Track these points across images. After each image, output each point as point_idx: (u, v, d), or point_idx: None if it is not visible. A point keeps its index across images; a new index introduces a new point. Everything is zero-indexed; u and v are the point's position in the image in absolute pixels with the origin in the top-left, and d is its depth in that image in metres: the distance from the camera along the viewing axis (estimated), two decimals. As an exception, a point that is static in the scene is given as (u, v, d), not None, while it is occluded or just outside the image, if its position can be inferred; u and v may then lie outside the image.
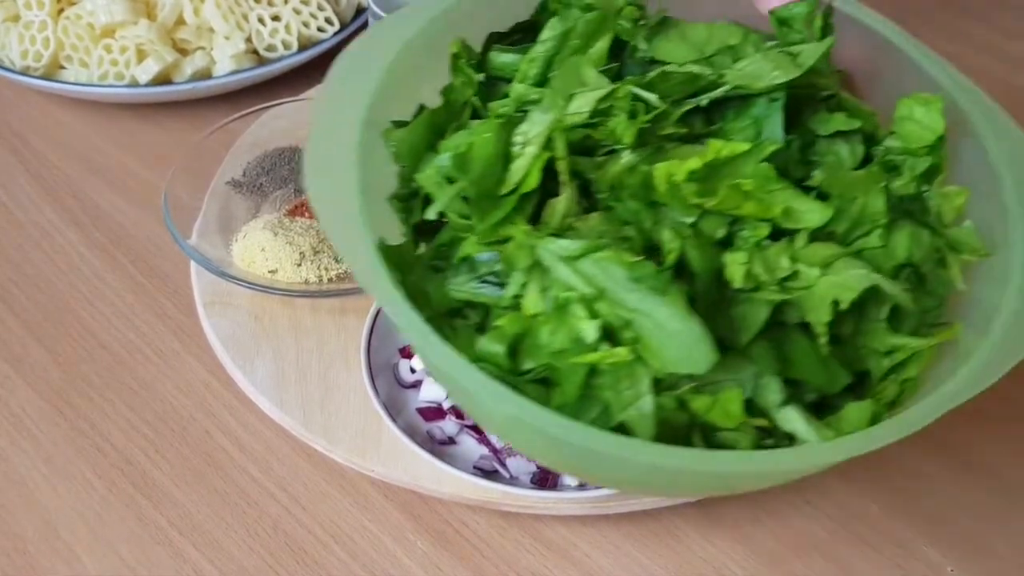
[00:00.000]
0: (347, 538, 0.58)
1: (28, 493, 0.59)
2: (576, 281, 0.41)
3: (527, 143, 0.43)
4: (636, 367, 0.40)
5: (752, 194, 0.42)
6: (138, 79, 0.83)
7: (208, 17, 0.84)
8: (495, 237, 0.43)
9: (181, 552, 0.57)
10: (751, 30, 0.48)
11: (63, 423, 0.63)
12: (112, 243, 0.75)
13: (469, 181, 0.42)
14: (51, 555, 0.57)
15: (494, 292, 0.43)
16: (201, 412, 0.64)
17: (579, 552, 0.57)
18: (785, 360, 0.42)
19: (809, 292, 0.42)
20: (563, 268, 0.41)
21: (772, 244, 0.43)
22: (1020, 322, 0.44)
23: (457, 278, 0.44)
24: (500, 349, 0.42)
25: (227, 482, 0.60)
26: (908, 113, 0.47)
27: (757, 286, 0.42)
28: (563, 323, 0.40)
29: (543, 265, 0.41)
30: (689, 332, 0.39)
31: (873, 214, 0.44)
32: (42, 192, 0.79)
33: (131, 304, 0.70)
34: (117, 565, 0.56)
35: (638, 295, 0.40)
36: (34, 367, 0.66)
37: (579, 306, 0.40)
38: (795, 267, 0.42)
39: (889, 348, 0.44)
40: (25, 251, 0.74)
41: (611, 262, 0.40)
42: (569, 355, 0.40)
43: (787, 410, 0.42)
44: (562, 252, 0.41)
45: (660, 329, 0.39)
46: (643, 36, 0.48)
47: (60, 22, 0.84)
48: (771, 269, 0.42)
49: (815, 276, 0.42)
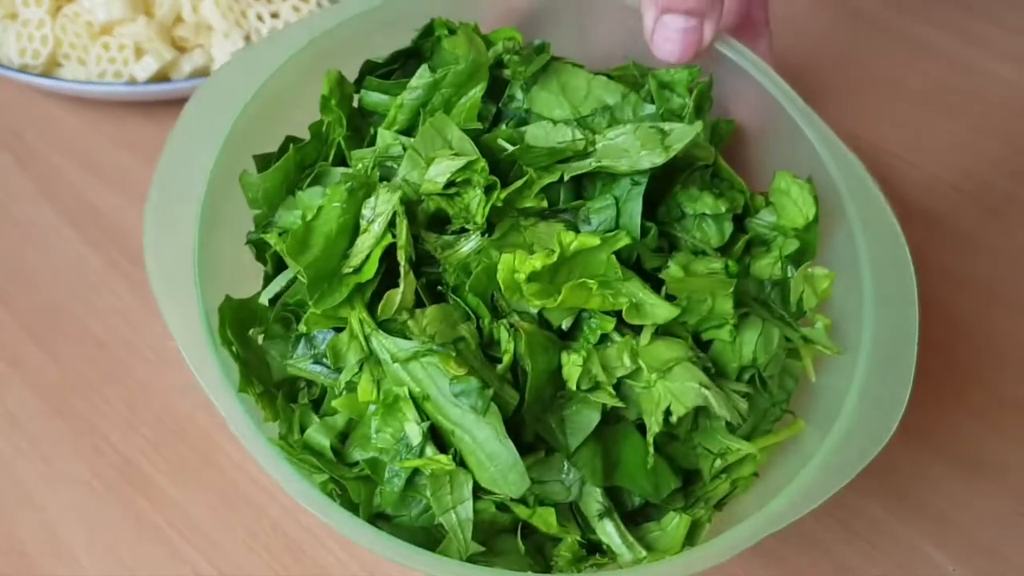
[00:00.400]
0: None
1: (26, 493, 0.59)
2: (406, 379, 0.41)
3: (374, 219, 0.42)
4: (459, 474, 0.41)
5: (596, 292, 0.42)
6: (136, 77, 0.83)
7: (207, 14, 0.83)
8: (332, 317, 0.43)
9: (180, 552, 0.57)
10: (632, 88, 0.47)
11: (61, 423, 0.63)
12: (110, 242, 0.74)
13: (307, 264, 0.41)
14: (49, 556, 0.56)
15: (331, 375, 0.44)
16: (200, 412, 0.63)
17: (579, 552, 0.57)
18: (613, 465, 0.43)
19: (646, 392, 0.43)
20: (396, 368, 0.41)
21: (614, 340, 0.43)
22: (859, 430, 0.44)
23: (296, 352, 0.45)
24: (327, 442, 0.43)
25: (226, 482, 0.60)
26: (785, 188, 0.47)
27: (594, 386, 0.43)
28: (392, 418, 0.41)
29: (376, 356, 0.42)
30: (505, 456, 0.40)
31: (721, 314, 0.44)
32: (40, 190, 0.78)
33: (129, 303, 0.70)
34: (115, 566, 0.56)
35: (460, 411, 0.40)
36: (32, 367, 0.66)
37: (408, 404, 0.41)
38: (635, 365, 0.43)
39: (723, 449, 0.45)
40: (23, 250, 0.74)
41: (439, 370, 0.41)
42: (393, 454, 0.41)
43: (605, 522, 0.43)
44: (395, 351, 0.41)
45: (479, 448, 0.40)
46: (520, 85, 0.47)
47: (58, 20, 0.83)
48: (609, 369, 0.43)
49: (653, 379, 0.42)
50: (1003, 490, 0.61)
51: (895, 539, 0.58)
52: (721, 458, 0.45)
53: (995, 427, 0.65)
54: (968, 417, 0.65)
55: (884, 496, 0.60)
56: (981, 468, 0.62)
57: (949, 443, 0.64)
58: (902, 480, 0.61)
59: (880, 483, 0.61)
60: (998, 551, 0.58)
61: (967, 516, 0.60)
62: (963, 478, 0.62)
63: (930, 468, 0.62)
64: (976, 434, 0.64)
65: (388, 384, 0.42)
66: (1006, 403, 0.66)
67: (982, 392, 0.67)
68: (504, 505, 0.42)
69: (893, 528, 0.59)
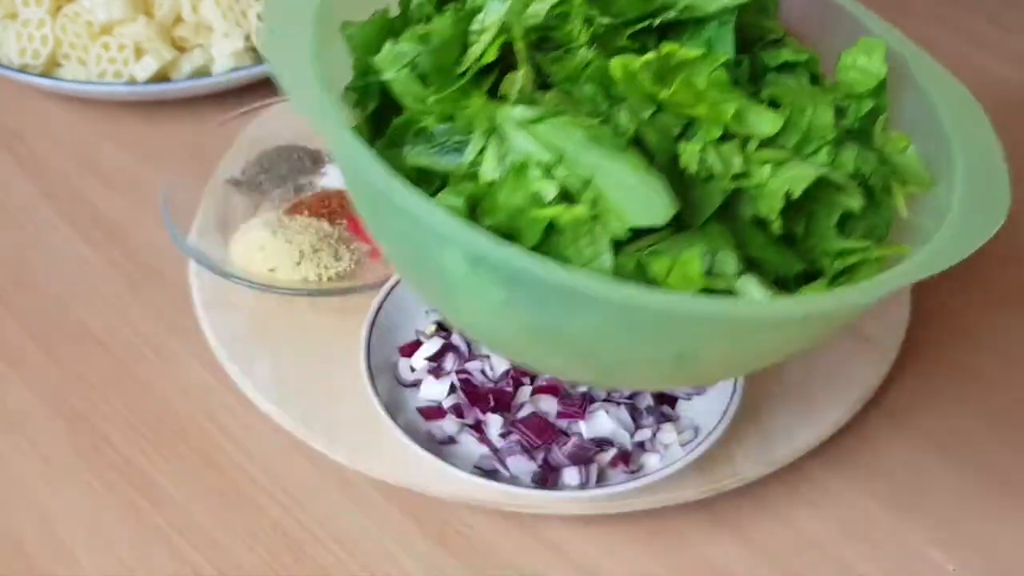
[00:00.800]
0: (347, 538, 0.57)
1: (26, 493, 0.59)
2: (534, 147, 0.41)
3: (483, 31, 0.44)
4: (595, 226, 0.40)
5: (705, 94, 0.43)
6: (136, 77, 0.83)
7: (207, 14, 0.83)
8: (452, 110, 0.44)
9: (180, 552, 0.57)
10: None
11: (61, 423, 0.63)
12: (110, 242, 0.74)
13: (427, 52, 0.43)
14: (49, 556, 0.56)
15: (451, 160, 0.44)
16: (200, 412, 0.63)
17: (580, 552, 0.57)
18: (739, 244, 0.43)
19: (760, 189, 0.43)
20: (521, 135, 0.41)
21: (725, 143, 0.44)
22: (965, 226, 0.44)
23: (415, 148, 0.44)
24: (459, 202, 0.41)
25: (226, 482, 0.60)
26: (851, 63, 0.48)
27: (710, 176, 0.43)
28: (521, 184, 0.41)
29: (500, 132, 0.42)
30: (648, 185, 0.40)
31: (821, 128, 0.45)
32: (39, 190, 0.79)
33: (129, 303, 0.70)
34: (116, 566, 0.56)
35: (597, 153, 0.40)
36: (32, 367, 0.66)
37: (537, 169, 0.41)
38: (747, 167, 0.43)
39: (839, 251, 0.45)
40: (23, 250, 0.74)
41: (570, 125, 0.41)
42: (528, 212, 0.40)
43: (745, 279, 0.41)
44: (520, 118, 0.41)
45: (619, 184, 0.40)
46: None
47: (58, 19, 0.83)
48: (725, 162, 0.43)
49: (766, 175, 0.43)
50: (1003, 490, 0.61)
51: (895, 538, 0.58)
52: (839, 259, 0.45)
53: (995, 427, 0.65)
54: (968, 417, 0.65)
55: (883, 495, 0.60)
56: (981, 468, 0.62)
57: (949, 443, 0.64)
58: (902, 479, 0.61)
59: (879, 482, 0.61)
60: (998, 551, 0.58)
61: (967, 516, 0.60)
62: (963, 478, 0.62)
63: (930, 468, 0.62)
64: (976, 434, 0.64)
65: (513, 157, 0.41)
66: (1006, 403, 0.66)
67: (982, 392, 0.67)
68: (641, 264, 0.40)
69: (893, 527, 0.59)
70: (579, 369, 0.47)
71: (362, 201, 0.46)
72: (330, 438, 0.59)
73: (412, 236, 0.42)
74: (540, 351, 0.45)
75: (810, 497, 0.60)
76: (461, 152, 0.43)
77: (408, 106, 0.45)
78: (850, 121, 0.48)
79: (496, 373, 0.60)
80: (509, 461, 0.56)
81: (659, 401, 0.60)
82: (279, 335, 0.65)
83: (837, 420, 0.62)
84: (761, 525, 0.59)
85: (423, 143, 0.45)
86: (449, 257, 0.40)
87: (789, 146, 0.45)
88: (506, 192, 0.41)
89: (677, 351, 0.42)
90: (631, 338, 0.42)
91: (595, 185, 0.40)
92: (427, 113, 0.44)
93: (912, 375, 0.67)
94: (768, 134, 0.44)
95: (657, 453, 0.57)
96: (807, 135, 0.45)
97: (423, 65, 0.44)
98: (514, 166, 0.41)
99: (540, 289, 0.39)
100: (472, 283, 0.40)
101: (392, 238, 0.45)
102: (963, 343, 0.70)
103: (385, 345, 0.62)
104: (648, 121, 0.43)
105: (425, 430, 0.58)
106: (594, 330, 0.41)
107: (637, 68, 0.43)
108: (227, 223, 0.71)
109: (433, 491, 0.57)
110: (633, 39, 0.46)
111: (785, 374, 0.64)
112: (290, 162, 0.76)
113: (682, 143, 0.43)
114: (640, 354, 0.43)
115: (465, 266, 0.40)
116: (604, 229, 0.40)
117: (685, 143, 0.43)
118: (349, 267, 0.69)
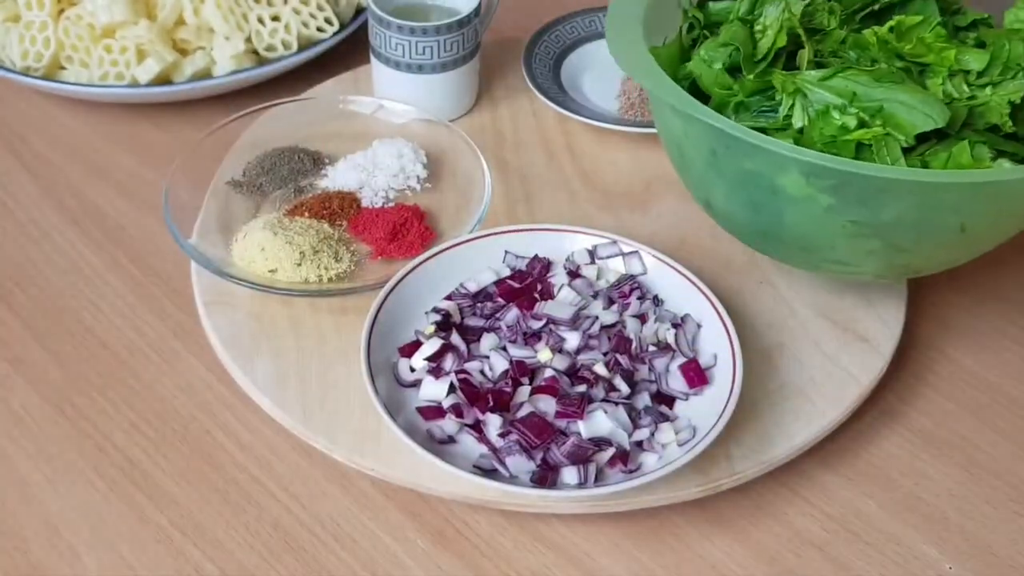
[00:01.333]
0: (347, 537, 0.58)
1: (29, 492, 0.60)
2: (830, 97, 0.58)
3: (767, 27, 0.62)
4: (889, 140, 0.56)
5: (932, 46, 0.60)
6: (138, 79, 0.83)
7: (208, 17, 0.84)
8: (761, 85, 0.60)
9: (182, 551, 0.57)
10: None
11: (64, 423, 0.63)
12: (112, 243, 0.75)
13: (733, 51, 0.61)
14: (52, 554, 0.57)
15: (769, 118, 0.60)
16: (202, 411, 0.64)
17: (578, 551, 0.58)
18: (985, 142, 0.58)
19: (987, 104, 0.59)
20: (818, 90, 0.58)
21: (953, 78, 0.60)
22: None
23: (737, 117, 0.61)
24: (788, 140, 0.57)
25: (227, 481, 0.60)
26: (1015, 18, 0.63)
27: (951, 99, 0.59)
28: (827, 123, 0.57)
29: (803, 91, 0.59)
30: (927, 100, 0.57)
31: (1017, 57, 0.60)
32: (42, 192, 0.79)
33: (131, 304, 0.70)
34: (118, 564, 0.56)
35: (883, 89, 0.57)
36: (35, 367, 0.66)
37: (836, 111, 0.57)
38: (973, 91, 0.59)
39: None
40: (26, 251, 0.74)
41: (857, 74, 0.58)
42: (840, 138, 0.57)
43: (999, 160, 0.57)
44: (816, 77, 0.58)
45: (904, 105, 0.57)
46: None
47: (60, 22, 0.84)
48: (959, 90, 0.59)
49: (988, 93, 0.59)
50: (1000, 489, 0.61)
51: (892, 537, 0.59)
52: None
53: (991, 426, 0.65)
54: (965, 416, 0.65)
55: (881, 495, 0.61)
56: (978, 467, 0.63)
57: (947, 442, 0.64)
58: (899, 478, 0.62)
59: (877, 483, 0.61)
60: (995, 549, 0.58)
61: (964, 515, 0.60)
62: (960, 477, 0.62)
63: (927, 467, 0.62)
64: (973, 433, 0.64)
65: (815, 106, 0.58)
66: (1002, 402, 0.66)
67: (978, 391, 0.67)
68: (925, 162, 0.56)
69: (890, 526, 0.59)
70: (884, 255, 0.60)
71: (700, 152, 0.61)
72: (330, 438, 0.59)
73: (757, 167, 0.58)
74: (856, 244, 0.59)
75: (807, 496, 0.60)
76: (774, 113, 0.60)
77: (715, 94, 0.62)
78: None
79: (495, 373, 0.60)
80: (508, 460, 0.56)
81: (657, 401, 0.60)
82: (279, 334, 0.65)
83: (834, 420, 0.62)
84: (758, 524, 0.59)
85: (744, 111, 0.61)
86: (787, 177, 0.56)
87: (995, 75, 0.60)
88: (817, 130, 0.57)
89: (960, 221, 0.57)
90: (928, 216, 0.57)
91: (884, 111, 0.57)
92: (734, 95, 0.61)
93: (909, 375, 0.68)
94: (980, 68, 0.60)
95: (655, 453, 0.58)
96: (1007, 64, 0.60)
97: (732, 60, 0.62)
98: (819, 111, 0.58)
99: (862, 188, 0.55)
100: (805, 194, 0.57)
101: (734, 178, 0.60)
102: (959, 343, 0.70)
103: (385, 345, 0.62)
104: (900, 68, 0.60)
105: (425, 430, 0.59)
106: (901, 215, 0.56)
107: (884, 33, 0.60)
108: (228, 224, 0.72)
109: (433, 490, 0.57)
110: (862, 22, 0.64)
111: (782, 374, 0.64)
112: (291, 164, 0.76)
113: (927, 80, 0.60)
114: (933, 229, 0.58)
115: (801, 179, 0.56)
116: (896, 141, 0.56)
117: (928, 79, 0.60)
118: (349, 268, 0.69)
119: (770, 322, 0.68)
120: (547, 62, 0.87)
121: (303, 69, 0.88)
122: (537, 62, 0.87)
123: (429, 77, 0.80)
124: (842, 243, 0.59)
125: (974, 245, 0.61)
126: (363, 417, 0.60)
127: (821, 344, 0.66)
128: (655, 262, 0.67)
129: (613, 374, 0.60)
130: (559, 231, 0.69)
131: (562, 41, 0.89)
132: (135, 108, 0.86)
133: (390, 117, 0.80)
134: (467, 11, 0.79)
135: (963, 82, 0.60)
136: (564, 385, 0.59)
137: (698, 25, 0.67)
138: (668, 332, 0.63)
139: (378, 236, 0.71)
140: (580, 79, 0.88)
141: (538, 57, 0.87)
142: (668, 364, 0.62)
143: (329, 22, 0.88)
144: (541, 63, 0.87)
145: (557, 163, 0.80)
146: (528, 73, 0.85)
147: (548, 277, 0.67)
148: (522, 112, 0.85)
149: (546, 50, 0.88)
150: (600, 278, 0.67)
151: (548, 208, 0.76)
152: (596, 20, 0.91)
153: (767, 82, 0.61)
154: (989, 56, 0.60)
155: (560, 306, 0.63)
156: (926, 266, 0.63)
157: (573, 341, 0.62)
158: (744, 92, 0.61)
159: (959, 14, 0.66)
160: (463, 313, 0.64)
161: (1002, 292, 0.73)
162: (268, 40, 0.85)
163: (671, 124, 0.63)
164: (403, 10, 0.81)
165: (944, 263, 0.63)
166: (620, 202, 0.77)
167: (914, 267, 0.63)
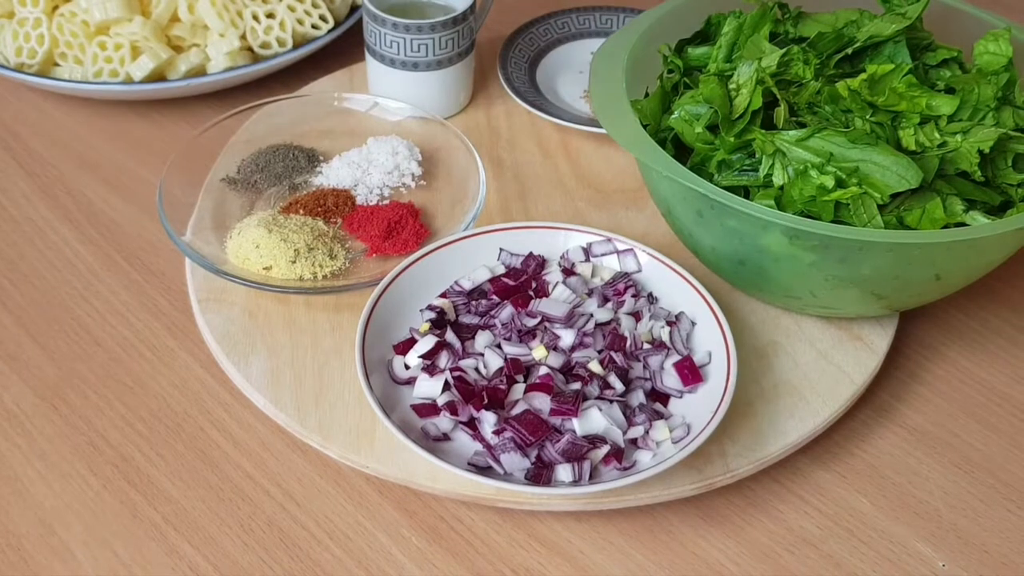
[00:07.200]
0: (341, 534, 0.58)
1: (23, 490, 0.59)
2: (808, 156, 0.60)
3: (741, 86, 0.63)
4: (866, 199, 0.58)
5: (904, 95, 0.61)
6: (133, 76, 0.83)
7: (203, 14, 0.84)
8: (740, 142, 0.62)
9: (176, 548, 0.57)
10: (865, 11, 0.68)
11: (58, 420, 0.63)
12: (106, 240, 0.75)
13: (710, 111, 0.63)
14: (46, 551, 0.57)
15: (750, 177, 0.62)
16: (196, 409, 0.64)
17: (573, 548, 0.58)
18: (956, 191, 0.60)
19: (957, 151, 0.60)
20: (797, 149, 0.60)
21: (924, 125, 0.61)
22: None
23: (720, 175, 0.63)
24: (771, 202, 0.60)
25: (222, 478, 0.60)
26: (983, 50, 0.65)
27: (924, 149, 0.61)
28: (807, 182, 0.59)
29: (781, 150, 0.60)
30: (900, 162, 0.59)
31: (985, 100, 0.62)
32: (36, 189, 0.79)
33: (125, 301, 0.70)
34: (112, 561, 0.56)
35: (858, 150, 0.59)
36: (28, 364, 0.66)
37: (814, 170, 0.59)
38: (943, 138, 0.61)
39: (1019, 181, 0.61)
40: (19, 248, 0.74)
41: (833, 135, 0.60)
42: (820, 198, 0.58)
43: (972, 213, 0.59)
44: (794, 138, 0.60)
45: (879, 167, 0.59)
46: (790, 23, 0.69)
47: (55, 19, 0.84)
48: (929, 138, 0.61)
49: (959, 140, 0.60)
50: (993, 487, 0.62)
51: (886, 534, 0.59)
52: (1022, 187, 0.61)
53: (985, 423, 0.65)
54: (957, 414, 0.66)
55: (875, 493, 0.61)
56: (971, 464, 0.63)
57: (940, 439, 0.64)
58: (892, 476, 0.62)
59: (871, 480, 0.62)
60: (987, 547, 0.59)
61: (957, 512, 0.60)
62: (953, 474, 0.62)
63: (920, 465, 0.63)
64: (965, 431, 0.65)
65: (794, 165, 0.60)
66: (995, 400, 0.67)
67: (971, 389, 0.67)
68: (900, 217, 0.59)
69: (884, 523, 0.59)
70: (863, 301, 0.63)
71: (687, 212, 0.63)
72: (325, 435, 0.59)
73: (742, 227, 0.60)
74: (837, 293, 0.62)
75: (801, 493, 0.61)
76: (755, 171, 0.62)
77: (698, 148, 0.64)
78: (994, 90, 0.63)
79: (490, 371, 0.60)
80: (503, 458, 0.56)
81: (651, 399, 0.60)
82: (274, 332, 0.65)
83: (828, 417, 0.62)
84: (752, 521, 0.59)
85: (726, 169, 0.63)
86: (771, 237, 0.59)
87: (965, 118, 0.62)
88: (797, 189, 0.59)
89: (935, 273, 0.60)
90: (905, 270, 0.59)
91: (860, 171, 0.59)
92: (714, 151, 0.63)
93: (902, 372, 0.68)
94: (950, 112, 0.61)
95: (649, 450, 0.58)
96: (976, 107, 0.62)
97: (710, 119, 0.63)
98: (798, 171, 0.60)
99: (842, 247, 0.58)
100: (789, 252, 0.59)
101: (719, 235, 0.62)
102: (952, 341, 0.70)
103: (380, 343, 0.62)
104: (873, 121, 0.61)
105: (419, 427, 0.59)
106: (879, 269, 0.59)
107: (856, 86, 0.62)
108: (223, 221, 0.72)
109: (427, 487, 0.57)
110: (837, 67, 0.65)
111: (777, 372, 0.64)
112: (285, 161, 0.76)
113: (899, 131, 0.62)
114: (911, 280, 0.61)
115: (784, 239, 0.58)
116: (872, 200, 0.58)
117: (900, 130, 0.62)
118: (344, 265, 0.69)
119: (764, 319, 0.68)
120: (522, 65, 0.88)
121: (298, 66, 0.88)
122: (513, 65, 0.87)
123: (424, 74, 0.80)
124: (825, 292, 0.62)
125: (949, 288, 0.64)
126: (358, 414, 0.60)
127: (815, 342, 0.67)
128: (650, 260, 0.67)
129: (608, 372, 0.60)
130: (554, 229, 0.69)
131: (536, 43, 0.90)
132: (129, 105, 0.86)
133: (385, 114, 0.80)
134: (462, 8, 0.79)
135: (934, 129, 0.61)
136: (559, 382, 0.59)
137: (678, 71, 0.69)
138: (663, 330, 0.63)
139: (373, 233, 0.71)
140: (555, 80, 0.88)
141: (513, 60, 0.88)
142: (663, 362, 0.62)
143: (324, 19, 0.88)
144: (517, 66, 0.88)
145: (552, 161, 0.80)
146: (504, 75, 0.85)
147: (543, 275, 0.67)
148: (517, 110, 0.85)
149: (520, 53, 0.89)
150: (595, 276, 0.67)
151: (543, 206, 0.76)
152: (569, 21, 0.92)
153: (747, 140, 0.62)
154: (959, 101, 0.62)
155: (555, 304, 0.63)
156: (905, 306, 0.66)
157: (568, 339, 0.62)
158: (726, 149, 0.63)
159: (929, 50, 0.67)
160: (458, 310, 0.65)
161: (995, 291, 0.74)
162: (263, 37, 0.85)
163: (658, 185, 0.65)
164: (398, 7, 0.81)
165: (922, 303, 0.66)
166: (615, 200, 0.77)
167: (894, 307, 0.65)
